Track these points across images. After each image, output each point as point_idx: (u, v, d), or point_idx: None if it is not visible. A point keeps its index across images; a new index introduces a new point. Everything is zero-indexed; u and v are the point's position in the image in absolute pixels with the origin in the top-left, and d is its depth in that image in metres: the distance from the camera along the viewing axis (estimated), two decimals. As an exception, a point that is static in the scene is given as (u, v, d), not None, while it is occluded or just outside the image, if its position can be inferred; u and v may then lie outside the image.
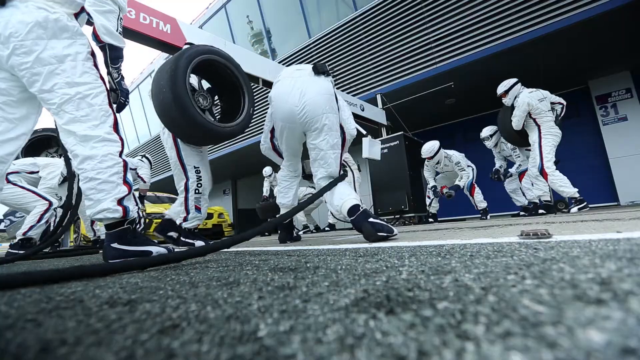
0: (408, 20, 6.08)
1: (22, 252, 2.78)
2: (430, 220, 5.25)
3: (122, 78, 1.71)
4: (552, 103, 3.95)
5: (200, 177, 2.66)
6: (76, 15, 1.41)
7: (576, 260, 0.56)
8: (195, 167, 2.62)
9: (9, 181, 3.29)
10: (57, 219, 3.26)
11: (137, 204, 4.25)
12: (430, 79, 5.82)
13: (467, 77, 5.78)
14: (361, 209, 1.73)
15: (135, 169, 4.60)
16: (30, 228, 3.16)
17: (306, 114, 1.91)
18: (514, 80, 4.20)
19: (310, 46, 7.65)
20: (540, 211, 3.93)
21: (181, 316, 0.41)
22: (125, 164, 1.36)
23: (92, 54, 1.40)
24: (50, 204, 3.25)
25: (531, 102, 3.86)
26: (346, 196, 1.83)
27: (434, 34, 5.78)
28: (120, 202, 1.31)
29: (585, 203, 3.65)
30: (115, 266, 0.92)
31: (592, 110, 6.34)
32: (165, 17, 3.37)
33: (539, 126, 3.85)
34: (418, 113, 7.12)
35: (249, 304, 0.45)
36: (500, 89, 4.27)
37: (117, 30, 1.55)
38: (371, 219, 1.65)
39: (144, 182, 4.51)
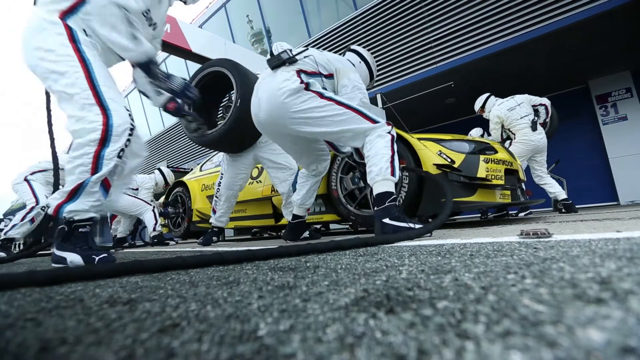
0: (408, 19, 6.08)
1: (18, 252, 2.78)
2: None
3: (168, 77, 1.55)
4: (533, 106, 3.95)
5: (220, 182, 2.77)
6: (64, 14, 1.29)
7: (576, 259, 0.56)
8: (221, 174, 2.79)
9: (26, 180, 3.38)
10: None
11: (155, 220, 4.13)
12: (430, 79, 5.82)
13: (467, 77, 5.78)
14: (388, 202, 1.50)
15: (137, 189, 4.44)
16: (12, 227, 3.17)
17: (268, 120, 1.69)
18: (486, 95, 4.36)
19: (310, 46, 7.65)
20: (563, 210, 3.83)
21: (181, 315, 0.41)
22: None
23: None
24: (37, 203, 3.24)
25: (499, 115, 3.98)
26: (384, 172, 1.53)
27: (434, 33, 5.78)
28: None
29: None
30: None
31: (592, 110, 6.35)
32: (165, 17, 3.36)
33: (514, 134, 3.93)
34: (418, 113, 7.12)
35: (249, 303, 0.45)
36: (476, 106, 4.44)
37: (132, 38, 1.33)
38: (387, 220, 1.47)
39: (149, 204, 4.28)
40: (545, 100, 3.93)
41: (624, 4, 4.09)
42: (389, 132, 1.62)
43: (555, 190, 3.78)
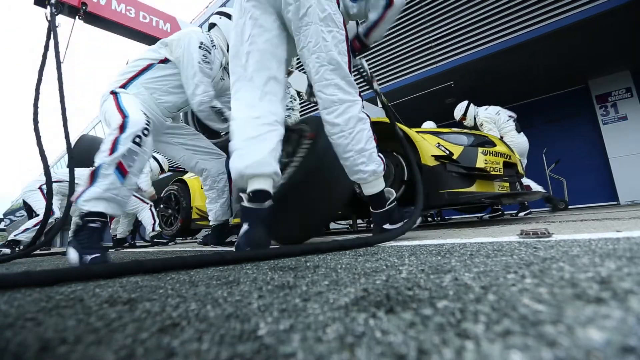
0: (408, 19, 6.08)
1: (17, 251, 2.82)
2: None
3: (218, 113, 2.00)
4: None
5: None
6: None
7: (576, 259, 0.56)
8: None
9: (40, 189, 3.46)
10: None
11: (153, 219, 4.10)
12: (430, 78, 5.82)
13: (467, 77, 5.78)
14: (389, 205, 1.39)
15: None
16: (24, 231, 3.25)
17: None
18: (466, 102, 4.52)
19: (310, 45, 7.63)
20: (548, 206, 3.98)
21: (181, 315, 0.41)
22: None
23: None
24: (53, 213, 3.29)
25: (492, 117, 4.19)
26: (378, 172, 1.35)
27: (434, 33, 5.78)
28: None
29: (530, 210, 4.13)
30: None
31: (592, 110, 6.35)
32: (165, 16, 3.36)
33: (501, 137, 4.11)
34: (418, 112, 7.12)
35: (249, 303, 0.45)
36: (458, 114, 4.57)
37: (224, 121, 1.99)
38: (388, 225, 1.38)
39: (142, 190, 4.19)
40: (514, 114, 4.32)
41: (624, 3, 4.09)
42: (364, 111, 1.39)
43: (537, 189, 3.90)
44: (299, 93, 3.22)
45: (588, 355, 0.22)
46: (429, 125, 5.35)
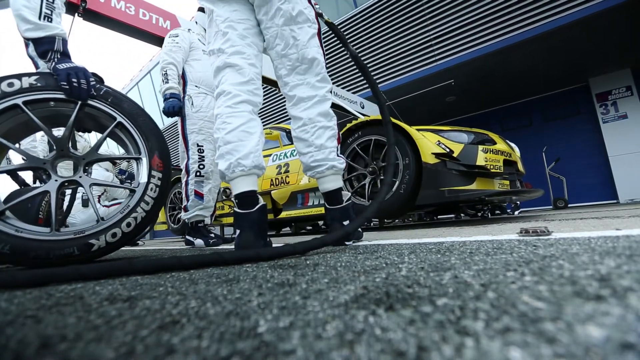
0: (408, 17, 6.06)
1: None
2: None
3: None
4: None
5: (203, 157, 2.29)
6: None
7: (575, 257, 0.56)
8: (198, 146, 2.28)
9: None
10: None
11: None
12: (430, 77, 5.82)
13: (467, 75, 5.78)
14: (346, 202, 1.31)
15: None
16: None
17: None
18: None
19: (310, 43, 7.61)
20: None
21: (181, 312, 0.41)
22: None
23: None
24: None
25: None
26: (338, 164, 1.30)
27: (435, 31, 5.77)
28: None
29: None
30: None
31: (592, 108, 6.34)
32: (165, 14, 3.36)
33: None
34: (418, 111, 7.12)
35: (249, 301, 0.45)
36: None
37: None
38: (347, 222, 1.26)
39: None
40: None
41: (625, 2, 4.08)
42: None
43: None
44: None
45: (587, 352, 0.22)
46: None
